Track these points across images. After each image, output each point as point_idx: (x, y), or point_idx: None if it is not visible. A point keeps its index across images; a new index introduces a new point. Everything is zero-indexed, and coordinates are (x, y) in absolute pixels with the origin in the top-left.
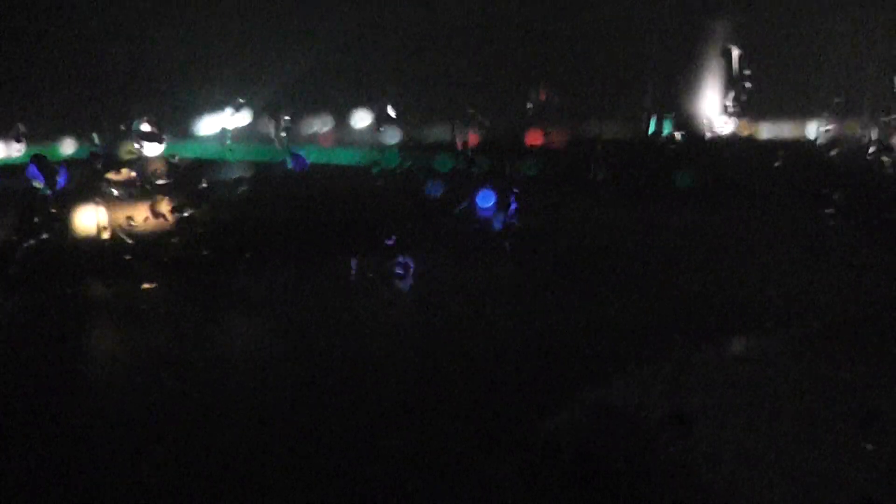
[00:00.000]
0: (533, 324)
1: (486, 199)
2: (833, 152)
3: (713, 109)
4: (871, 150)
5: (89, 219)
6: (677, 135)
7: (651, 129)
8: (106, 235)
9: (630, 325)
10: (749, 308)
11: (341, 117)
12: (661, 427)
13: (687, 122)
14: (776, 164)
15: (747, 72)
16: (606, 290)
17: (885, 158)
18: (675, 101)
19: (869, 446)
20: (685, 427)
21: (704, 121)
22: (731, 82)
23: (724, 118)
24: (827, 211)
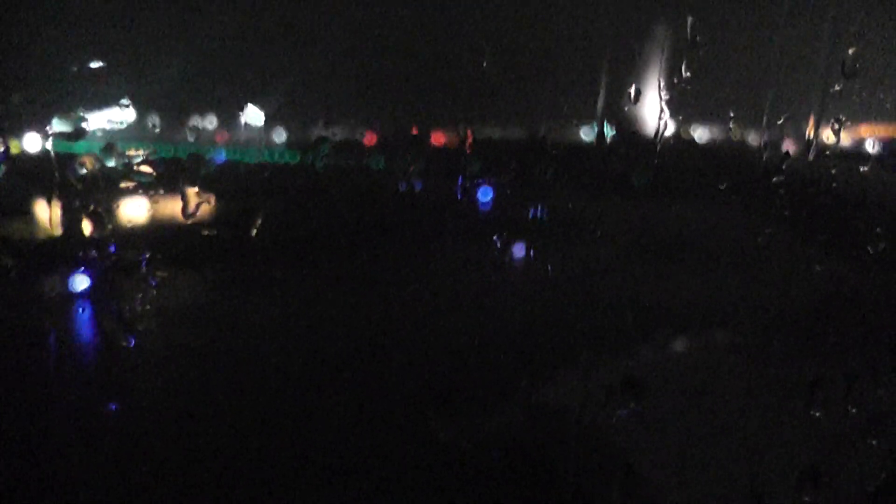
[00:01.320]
0: (474, 321)
1: (485, 194)
2: (775, 156)
3: (654, 113)
4: (812, 154)
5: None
6: (609, 137)
7: (602, 132)
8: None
9: (571, 324)
10: (692, 305)
11: (230, 115)
12: (605, 424)
13: (629, 126)
14: (716, 167)
15: (688, 75)
16: (548, 287)
17: (827, 162)
18: (616, 105)
19: (809, 498)
20: (629, 423)
21: (646, 125)
22: (674, 87)
23: (665, 122)
24: (768, 211)
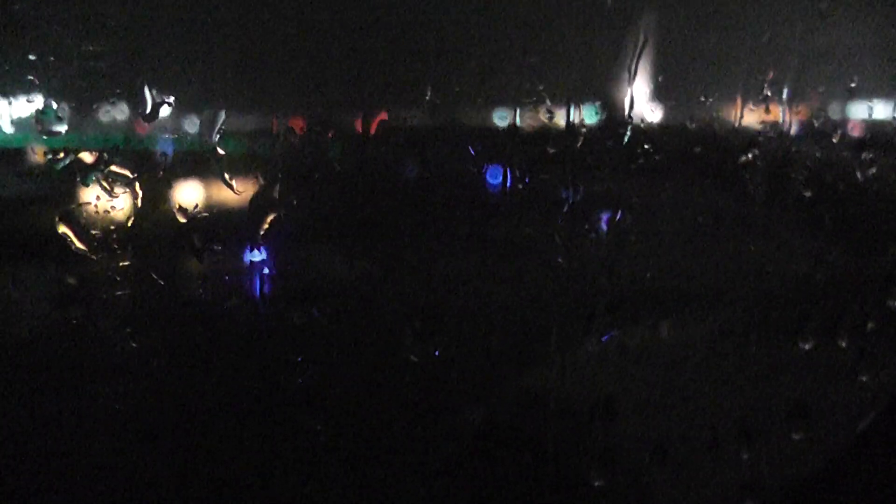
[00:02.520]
0: (458, 309)
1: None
2: (757, 139)
3: (642, 95)
4: (795, 136)
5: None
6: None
7: (572, 117)
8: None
9: (557, 311)
10: (678, 291)
11: (141, 103)
12: (593, 413)
13: (614, 110)
14: (697, 150)
15: (676, 54)
16: (532, 274)
17: (814, 144)
18: (599, 86)
19: (797, 436)
20: (615, 412)
21: (633, 108)
22: (660, 65)
23: (653, 104)
24: (755, 197)
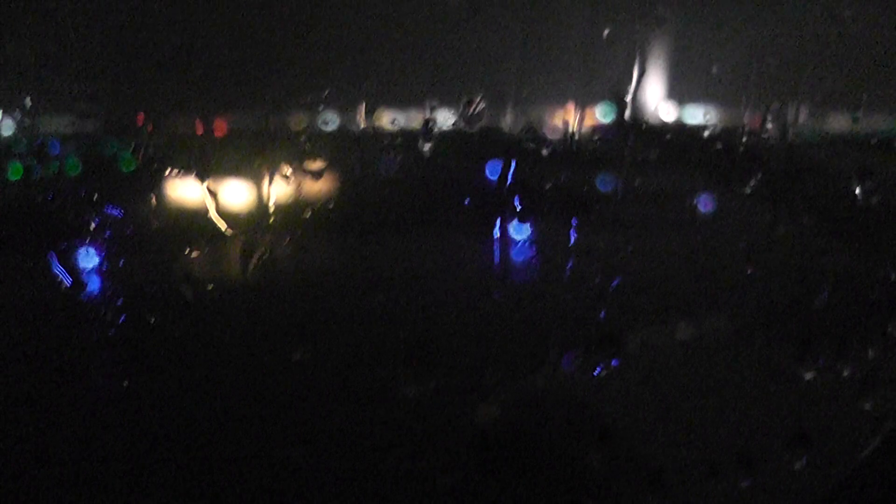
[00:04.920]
0: (460, 312)
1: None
2: (778, 140)
3: (657, 94)
4: (806, 138)
5: None
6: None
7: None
8: None
9: (560, 314)
10: (686, 294)
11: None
12: (589, 439)
13: (630, 109)
14: (704, 163)
15: (694, 51)
16: (537, 277)
17: (824, 147)
18: (602, 92)
19: (797, 464)
20: (611, 438)
21: (650, 107)
22: (677, 63)
23: (659, 111)
24: (767, 200)
